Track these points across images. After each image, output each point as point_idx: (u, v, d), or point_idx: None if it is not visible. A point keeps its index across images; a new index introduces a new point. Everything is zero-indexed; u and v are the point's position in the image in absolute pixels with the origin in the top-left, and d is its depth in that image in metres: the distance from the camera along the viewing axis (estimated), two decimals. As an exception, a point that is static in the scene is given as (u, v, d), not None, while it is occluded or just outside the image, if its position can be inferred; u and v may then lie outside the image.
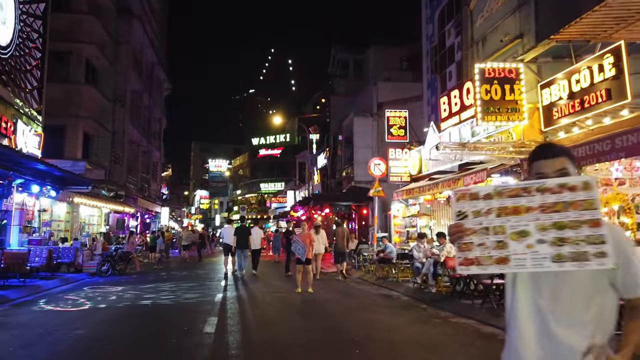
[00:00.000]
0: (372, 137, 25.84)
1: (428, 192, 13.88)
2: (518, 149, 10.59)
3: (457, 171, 13.03)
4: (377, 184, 16.85)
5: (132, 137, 29.61)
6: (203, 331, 7.34)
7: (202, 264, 22.25)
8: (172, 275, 16.55)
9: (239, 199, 60.24)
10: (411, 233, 19.84)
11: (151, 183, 35.29)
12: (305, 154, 35.67)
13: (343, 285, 13.60)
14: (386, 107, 26.20)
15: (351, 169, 26.48)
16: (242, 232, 15.77)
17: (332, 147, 30.58)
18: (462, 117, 13.42)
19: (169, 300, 10.61)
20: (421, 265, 11.92)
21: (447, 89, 21.07)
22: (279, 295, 11.45)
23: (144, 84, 32.13)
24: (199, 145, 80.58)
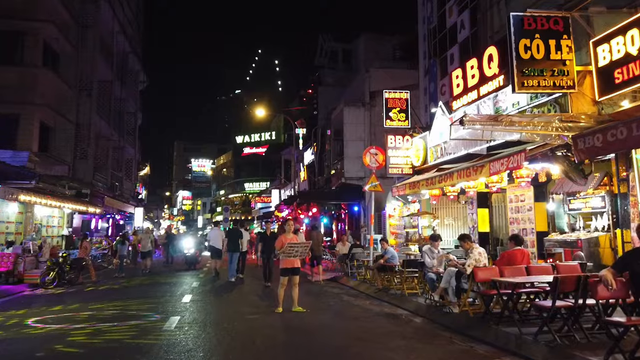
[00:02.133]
0: (365, 129, 23.18)
1: (438, 184, 11.20)
2: (566, 124, 7.94)
3: (476, 159, 10.35)
4: (374, 177, 14.15)
5: (100, 131, 26.52)
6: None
7: (170, 270, 19.25)
8: (129, 288, 13.63)
9: (222, 199, 57.11)
10: (411, 234, 17.16)
11: (124, 182, 32.12)
12: (291, 151, 32.89)
13: (335, 301, 10.82)
14: (379, 95, 23.66)
15: (341, 164, 23.78)
16: (234, 234, 15.08)
17: (320, 142, 27.84)
18: (482, 92, 10.79)
19: (104, 330, 7.75)
20: (435, 276, 9.22)
21: (447, 73, 18.64)
22: (253, 319, 8.62)
23: (115, 73, 29.04)
24: (182, 144, 77.16)
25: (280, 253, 8.99)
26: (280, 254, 9.01)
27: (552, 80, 8.04)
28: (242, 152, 53.62)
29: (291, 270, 9.06)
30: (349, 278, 14.69)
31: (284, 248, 8.89)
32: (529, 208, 11.04)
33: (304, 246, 9.17)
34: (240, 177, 53.98)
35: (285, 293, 9.05)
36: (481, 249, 8.09)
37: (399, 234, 19.32)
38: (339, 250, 16.59)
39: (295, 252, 8.97)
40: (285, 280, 9.08)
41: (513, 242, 8.07)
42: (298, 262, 9.17)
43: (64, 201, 19.83)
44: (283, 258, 9.01)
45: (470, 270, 7.63)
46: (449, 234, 16.52)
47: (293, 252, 8.95)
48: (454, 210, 16.55)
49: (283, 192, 34.99)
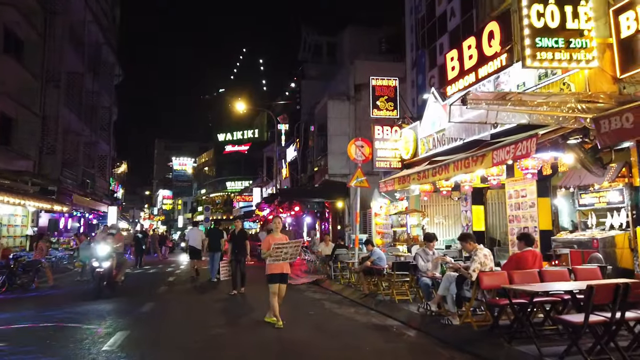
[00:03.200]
0: (349, 124, 21.94)
1: (431, 178, 9.94)
2: (584, 104, 6.75)
3: (474, 149, 9.13)
4: (360, 171, 12.87)
5: (69, 125, 24.77)
6: None
7: (135, 276, 17.68)
8: (87, 293, 12.12)
9: (204, 198, 55.33)
10: (399, 234, 15.94)
11: (97, 179, 30.34)
12: (273, 148, 31.49)
13: (317, 309, 9.49)
14: (364, 89, 22.43)
15: (325, 160, 22.49)
16: (215, 235, 14.23)
17: (303, 138, 26.52)
18: (481, 74, 9.60)
19: (27, 349, 6.32)
20: (431, 282, 7.97)
21: (436, 65, 17.55)
22: (218, 335, 7.26)
23: (87, 65, 27.30)
24: (163, 143, 74.96)
25: (266, 256, 7.56)
26: (267, 258, 7.57)
27: (568, 53, 6.85)
28: (224, 150, 51.93)
29: (280, 277, 7.56)
30: (332, 281, 13.41)
31: (270, 250, 7.47)
32: (532, 204, 9.86)
33: (295, 246, 7.56)
34: (222, 175, 52.26)
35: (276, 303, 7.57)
36: (487, 251, 6.85)
37: (385, 233, 18.09)
38: (321, 250, 15.30)
39: (285, 254, 7.43)
40: (275, 288, 7.52)
41: (523, 242, 6.85)
42: (287, 266, 7.66)
43: (25, 198, 18.19)
44: (270, 262, 7.62)
45: (475, 275, 6.39)
46: (440, 233, 15.29)
47: (282, 255, 7.41)
48: (445, 208, 15.38)
49: (265, 191, 33.58)
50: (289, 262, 7.50)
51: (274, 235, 7.78)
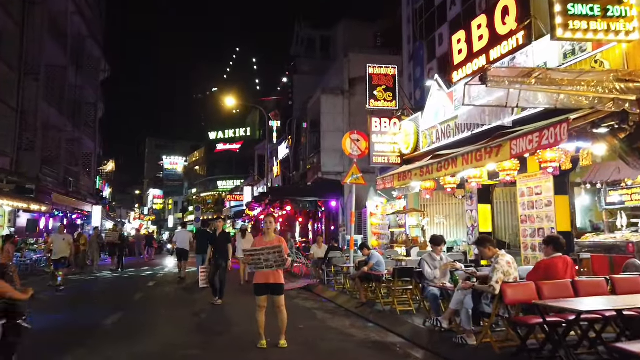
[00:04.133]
0: (343, 119, 20.82)
1: (436, 173, 8.82)
2: (623, 83, 5.67)
3: (485, 141, 8.00)
4: (356, 167, 11.74)
5: (49, 120, 23.44)
6: None
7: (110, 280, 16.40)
8: (54, 302, 10.91)
9: (195, 198, 53.97)
10: (397, 235, 14.82)
11: (81, 178, 28.99)
12: (265, 145, 30.30)
13: (308, 322, 8.31)
14: (359, 83, 21.31)
15: (318, 158, 21.34)
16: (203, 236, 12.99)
17: (295, 135, 25.35)
18: (493, 55, 8.48)
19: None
20: (439, 292, 6.85)
21: (435, 57, 16.56)
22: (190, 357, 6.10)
23: (70, 58, 25.93)
24: (154, 141, 73.37)
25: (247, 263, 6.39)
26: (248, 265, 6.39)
27: (605, 23, 5.75)
28: (215, 149, 50.60)
29: (266, 287, 6.28)
30: (326, 287, 12.26)
31: (244, 257, 6.33)
32: (548, 203, 8.76)
33: (275, 252, 6.18)
34: (213, 175, 50.94)
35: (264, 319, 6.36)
36: (509, 257, 5.74)
37: (381, 234, 16.97)
38: (313, 253, 14.14)
39: (266, 261, 6.18)
40: (261, 301, 6.30)
41: (551, 246, 5.73)
42: (277, 275, 6.31)
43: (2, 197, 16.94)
44: (252, 270, 6.42)
45: (499, 288, 5.26)
46: (440, 234, 14.26)
47: (262, 262, 6.19)
48: (446, 207, 14.30)
49: (256, 190, 32.38)
50: (275, 270, 6.30)
51: (263, 238, 6.55)
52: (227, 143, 49.77)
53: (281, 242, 6.44)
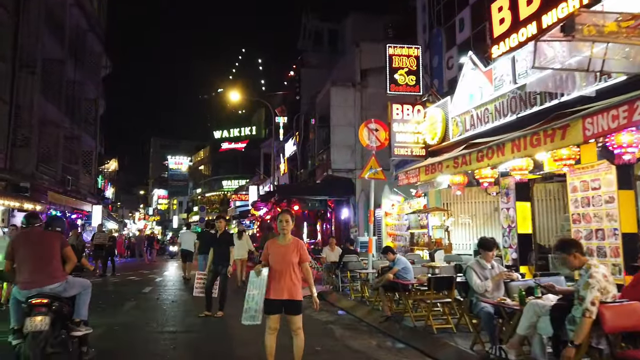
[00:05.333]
0: (355, 113, 19.37)
1: (476, 164, 7.35)
2: None
3: (542, 122, 6.50)
4: (374, 160, 10.28)
5: (46, 115, 22.11)
6: None
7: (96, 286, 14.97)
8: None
9: (199, 198, 52.62)
10: (417, 236, 13.33)
11: (81, 176, 27.64)
12: (271, 143, 28.88)
13: (325, 340, 6.83)
14: (371, 74, 19.86)
15: (327, 154, 19.92)
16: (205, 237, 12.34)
17: (303, 131, 23.93)
18: (547, 22, 7.00)
19: None
20: (493, 309, 5.38)
21: (456, 44, 15.15)
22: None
23: (68, 52, 24.60)
24: (159, 141, 72.11)
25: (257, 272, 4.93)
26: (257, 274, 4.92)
27: None
28: (220, 148, 49.25)
29: (280, 304, 4.83)
30: (340, 295, 10.80)
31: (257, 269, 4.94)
32: (609, 199, 7.27)
33: None
34: (218, 174, 49.57)
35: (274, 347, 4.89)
36: (603, 268, 4.24)
37: (397, 235, 15.50)
38: (325, 256, 12.69)
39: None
40: (273, 322, 4.85)
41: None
42: (294, 288, 4.85)
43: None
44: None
45: (595, 310, 3.79)
46: (465, 236, 12.78)
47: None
48: (472, 206, 12.80)
49: (262, 189, 30.96)
50: (295, 284, 4.89)
51: (278, 242, 5.11)
52: (232, 142, 48.42)
53: (299, 246, 5.01)
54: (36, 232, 5.17)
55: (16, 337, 4.68)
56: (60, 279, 4.94)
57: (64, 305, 4.94)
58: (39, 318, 4.54)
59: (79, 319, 5.12)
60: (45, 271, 4.86)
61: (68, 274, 5.13)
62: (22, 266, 4.87)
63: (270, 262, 4.99)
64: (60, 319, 4.86)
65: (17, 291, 4.84)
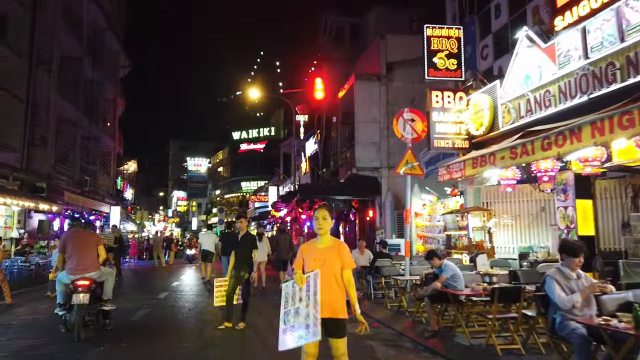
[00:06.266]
0: (380, 109, 18.25)
1: (541, 152, 6.19)
2: None
3: (621, 103, 5.33)
4: (411, 154, 9.17)
5: (63, 114, 21.53)
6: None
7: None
8: (48, 318, 8.60)
9: (218, 200, 51.95)
10: (455, 239, 12.12)
11: (99, 177, 27.08)
12: (290, 143, 27.89)
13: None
14: (397, 68, 18.74)
15: (351, 152, 18.84)
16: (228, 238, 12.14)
17: (325, 129, 22.88)
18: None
19: None
20: (586, 330, 4.21)
21: (491, 32, 14.07)
22: None
23: (86, 50, 24.03)
24: (178, 143, 71.81)
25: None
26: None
27: None
28: (239, 149, 48.50)
29: (323, 324, 3.72)
30: (373, 303, 9.70)
31: (299, 277, 3.89)
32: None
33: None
34: (237, 175, 48.82)
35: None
36: None
37: (429, 238, 14.34)
38: (355, 260, 11.57)
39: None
40: (310, 347, 3.76)
41: None
42: (337, 304, 3.86)
43: (1, 195, 14.91)
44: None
45: None
46: (508, 239, 11.59)
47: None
48: (515, 205, 11.60)
49: (282, 189, 30.00)
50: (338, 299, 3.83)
51: (316, 244, 4.06)
52: (251, 143, 47.64)
53: (341, 249, 3.97)
54: (80, 232, 7.08)
55: (62, 309, 6.59)
56: (96, 268, 6.79)
57: (97, 287, 6.79)
58: (82, 295, 6.34)
59: (107, 298, 7.07)
60: (87, 262, 6.69)
61: (100, 264, 6.96)
62: (71, 257, 6.66)
63: (306, 270, 3.96)
64: (94, 297, 6.71)
65: (65, 275, 6.64)
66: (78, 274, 6.50)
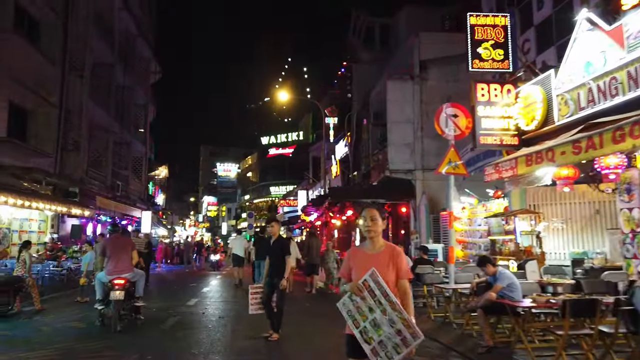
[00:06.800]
0: (414, 109, 17.50)
1: (614, 145, 5.43)
2: None
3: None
4: (454, 152, 8.46)
5: (95, 120, 21.64)
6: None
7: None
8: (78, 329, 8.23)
9: (247, 204, 51.90)
10: (500, 244, 11.27)
11: (131, 182, 27.19)
12: (320, 146, 27.37)
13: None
14: (432, 66, 17.98)
15: (383, 154, 18.15)
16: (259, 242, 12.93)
17: (355, 131, 22.26)
18: None
19: None
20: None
21: (533, 24, 13.26)
22: None
23: (118, 56, 24.19)
24: (209, 149, 72.42)
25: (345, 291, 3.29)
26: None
27: None
28: (267, 154, 48.36)
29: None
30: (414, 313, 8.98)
31: (349, 286, 3.31)
32: None
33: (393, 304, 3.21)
34: (265, 180, 48.67)
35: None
36: None
37: (469, 243, 13.51)
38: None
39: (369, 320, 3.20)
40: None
41: None
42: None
43: (33, 199, 14.83)
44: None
45: None
46: (558, 244, 10.70)
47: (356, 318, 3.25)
48: (566, 208, 10.71)
49: (311, 194, 29.49)
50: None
51: (365, 249, 3.50)
52: (280, 147, 47.42)
53: (395, 256, 3.37)
54: (118, 238, 8.22)
55: (100, 304, 7.71)
56: (131, 270, 7.80)
57: (131, 286, 7.76)
58: (118, 292, 7.31)
59: (138, 295, 8.09)
60: (123, 264, 7.69)
61: (134, 266, 7.97)
62: (110, 260, 7.68)
63: (353, 278, 3.38)
64: (128, 294, 7.65)
65: (104, 275, 7.68)
66: (115, 275, 7.53)
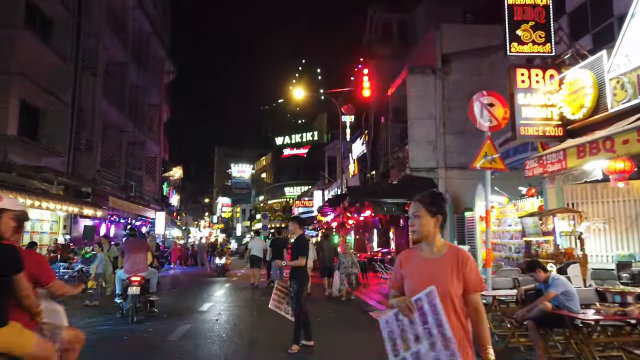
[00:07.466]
0: (436, 104, 16.67)
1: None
2: None
3: None
4: (490, 145, 7.63)
5: (108, 119, 21.20)
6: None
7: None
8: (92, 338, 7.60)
9: (262, 205, 51.34)
10: (536, 246, 10.37)
11: (145, 182, 26.72)
12: (335, 146, 26.61)
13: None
14: (454, 59, 17.12)
15: (404, 152, 17.34)
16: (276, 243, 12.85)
17: (373, 129, 21.46)
18: None
19: None
20: None
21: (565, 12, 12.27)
22: None
23: (131, 55, 23.74)
24: (223, 150, 72.12)
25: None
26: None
27: None
28: (282, 154, 47.76)
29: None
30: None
31: (403, 302, 2.48)
32: None
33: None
34: (280, 181, 48.07)
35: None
36: None
37: (499, 244, 12.61)
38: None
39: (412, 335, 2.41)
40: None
41: None
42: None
43: (43, 199, 14.33)
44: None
45: None
46: (600, 246, 9.77)
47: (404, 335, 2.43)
48: (608, 206, 9.79)
49: (327, 194, 28.73)
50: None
51: (420, 253, 2.68)
52: (294, 148, 46.79)
53: (461, 262, 2.57)
54: (135, 240, 9.28)
55: (120, 298, 8.79)
56: (145, 269, 8.86)
57: (146, 283, 8.82)
58: (135, 288, 8.39)
59: (152, 291, 9.23)
60: (140, 264, 8.71)
61: (148, 266, 9.05)
62: (128, 260, 8.66)
63: (406, 291, 2.61)
64: (144, 289, 8.74)
65: (123, 273, 8.68)
66: (132, 273, 8.47)
